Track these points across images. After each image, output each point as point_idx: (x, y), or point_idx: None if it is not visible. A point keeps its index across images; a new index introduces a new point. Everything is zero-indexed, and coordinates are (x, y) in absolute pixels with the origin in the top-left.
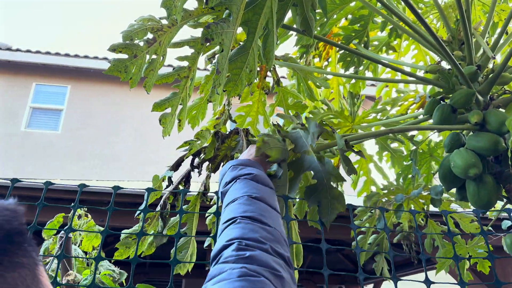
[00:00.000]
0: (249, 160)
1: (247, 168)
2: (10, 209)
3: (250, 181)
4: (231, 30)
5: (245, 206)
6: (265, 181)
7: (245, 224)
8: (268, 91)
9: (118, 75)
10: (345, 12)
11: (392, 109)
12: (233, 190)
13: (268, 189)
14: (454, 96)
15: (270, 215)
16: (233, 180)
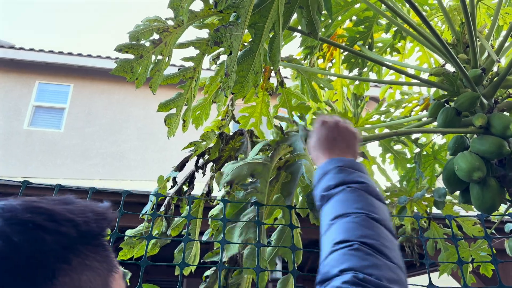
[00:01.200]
0: (355, 162)
1: (358, 174)
2: (96, 211)
3: (364, 193)
4: (240, 33)
5: (364, 228)
6: (378, 193)
7: (365, 254)
8: (272, 92)
9: (124, 75)
10: (350, 14)
11: (396, 111)
12: (342, 200)
13: (383, 206)
14: (459, 99)
15: (391, 244)
16: (341, 185)
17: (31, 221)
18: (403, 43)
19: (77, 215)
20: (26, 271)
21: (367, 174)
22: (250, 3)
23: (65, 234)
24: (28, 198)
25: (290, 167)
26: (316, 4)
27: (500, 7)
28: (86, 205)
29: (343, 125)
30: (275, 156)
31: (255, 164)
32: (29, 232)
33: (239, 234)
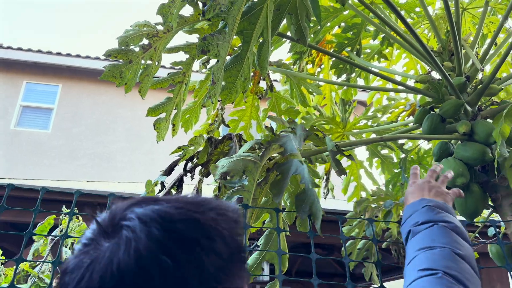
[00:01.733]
0: (445, 204)
1: (446, 215)
2: (235, 219)
3: (452, 232)
4: (227, 41)
5: (448, 261)
6: (465, 235)
7: (448, 283)
8: (261, 96)
9: (113, 80)
10: (338, 20)
11: (383, 116)
12: (429, 234)
13: (470, 248)
14: (443, 106)
15: (474, 280)
16: (430, 222)
17: (192, 238)
18: (390, 49)
19: (224, 228)
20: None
21: (455, 217)
22: (238, 11)
23: (219, 254)
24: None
25: (281, 166)
26: (304, 12)
27: (485, 16)
28: (225, 213)
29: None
30: (266, 155)
31: (247, 161)
32: (191, 251)
33: None
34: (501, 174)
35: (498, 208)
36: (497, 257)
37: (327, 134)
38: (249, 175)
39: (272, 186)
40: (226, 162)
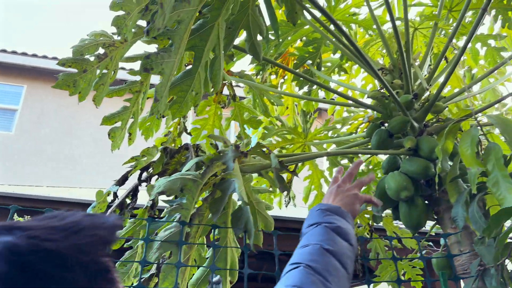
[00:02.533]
0: (339, 208)
1: (333, 217)
2: (106, 239)
3: (331, 231)
4: (173, 59)
5: (314, 255)
6: (347, 235)
7: (307, 274)
8: (224, 105)
9: (66, 89)
10: (299, 34)
11: (343, 127)
12: (310, 234)
13: (346, 245)
14: (391, 122)
15: (337, 273)
16: (315, 224)
17: (42, 271)
18: (350, 63)
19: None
20: None
21: (348, 220)
22: (185, 30)
23: (75, 282)
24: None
25: (221, 184)
26: (257, 29)
27: (434, 36)
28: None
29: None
30: (208, 173)
31: (186, 180)
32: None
33: (155, 251)
34: (442, 188)
35: (440, 221)
36: (437, 267)
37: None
38: (188, 194)
39: (211, 205)
40: (163, 181)
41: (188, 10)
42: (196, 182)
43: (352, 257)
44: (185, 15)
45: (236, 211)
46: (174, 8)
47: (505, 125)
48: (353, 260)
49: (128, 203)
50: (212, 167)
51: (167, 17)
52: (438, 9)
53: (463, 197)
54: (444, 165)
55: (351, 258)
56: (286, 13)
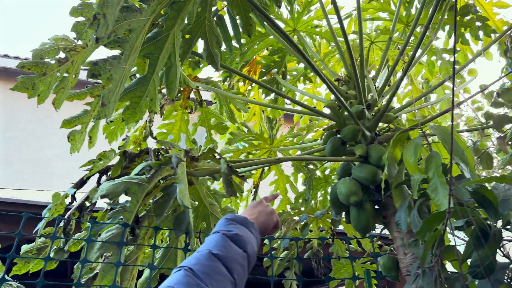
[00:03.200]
0: (245, 218)
1: (235, 226)
2: None
3: (227, 238)
4: (122, 66)
5: (199, 260)
6: (243, 243)
7: (184, 276)
8: (191, 111)
9: (25, 92)
10: (265, 44)
11: (308, 134)
12: (207, 241)
13: (239, 252)
14: (344, 130)
15: (219, 278)
16: (216, 232)
17: None
18: None
19: None
20: None
21: (251, 230)
22: (136, 38)
23: None
24: None
25: (166, 189)
26: (215, 39)
27: (388, 49)
28: None
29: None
30: (155, 177)
31: (130, 183)
32: None
33: (96, 252)
34: (389, 193)
35: (387, 225)
36: (383, 268)
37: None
38: (132, 197)
39: (155, 208)
40: (107, 185)
41: (140, 20)
42: (141, 186)
43: (244, 264)
44: (136, 24)
45: (178, 214)
46: (125, 17)
47: (445, 135)
48: (245, 267)
49: (88, 205)
50: (160, 171)
51: (110, 27)
52: (393, 23)
53: (406, 202)
54: (390, 171)
55: (242, 265)
56: (241, 26)
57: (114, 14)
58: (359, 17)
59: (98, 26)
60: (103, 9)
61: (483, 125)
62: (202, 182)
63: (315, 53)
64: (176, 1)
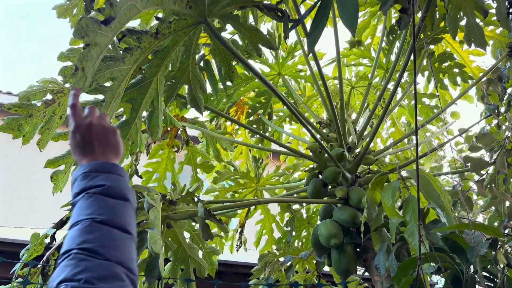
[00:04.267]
0: (104, 163)
1: (100, 177)
2: None
3: (100, 196)
4: None
5: (86, 234)
6: (120, 193)
7: (78, 261)
8: (177, 150)
9: (10, 133)
10: (251, 86)
11: (293, 173)
12: (78, 208)
13: (121, 203)
14: (325, 172)
15: (117, 243)
16: (81, 192)
17: None
18: None
19: None
20: None
21: (118, 171)
22: (118, 86)
23: None
24: None
25: (140, 234)
26: (198, 84)
27: (367, 94)
28: None
29: (98, 126)
30: None
31: None
32: None
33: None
34: (368, 235)
35: (368, 268)
36: None
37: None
38: None
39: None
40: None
41: (122, 69)
42: None
43: (131, 213)
44: (118, 73)
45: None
46: (108, 66)
47: (421, 179)
48: (134, 216)
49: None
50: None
51: (89, 79)
52: (372, 69)
53: (385, 245)
54: (369, 214)
55: (130, 215)
56: (223, 73)
57: (94, 67)
58: (339, 64)
59: (77, 78)
60: (82, 63)
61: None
62: (182, 225)
63: (299, 96)
64: (159, 49)
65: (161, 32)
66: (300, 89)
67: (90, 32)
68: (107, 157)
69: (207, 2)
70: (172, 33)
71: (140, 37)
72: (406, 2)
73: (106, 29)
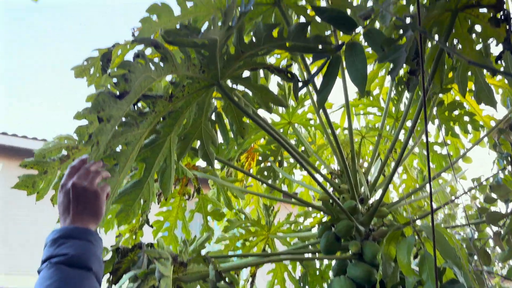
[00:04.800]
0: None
1: (67, 244)
2: None
3: (61, 267)
4: (115, 178)
5: None
6: (82, 261)
7: None
8: (188, 198)
9: (25, 189)
10: (262, 134)
11: (305, 220)
12: (40, 278)
13: (82, 274)
14: (337, 226)
15: None
16: (47, 260)
17: None
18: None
19: None
20: None
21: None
22: (131, 150)
23: None
24: None
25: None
26: (210, 140)
27: (378, 145)
28: None
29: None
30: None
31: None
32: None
33: None
34: None
35: None
36: None
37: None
38: None
39: None
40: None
41: (136, 133)
42: None
43: (92, 284)
44: (133, 137)
45: None
46: (123, 132)
47: (437, 235)
48: (97, 285)
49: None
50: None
51: (101, 150)
52: (382, 119)
53: None
54: (385, 271)
55: (91, 285)
56: (235, 129)
57: (107, 139)
58: (348, 115)
59: (92, 150)
60: (98, 137)
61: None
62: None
63: (309, 145)
64: (173, 110)
65: (175, 96)
66: (310, 136)
67: (106, 106)
68: (83, 221)
69: (220, 66)
70: (186, 96)
71: (154, 101)
72: (414, 64)
73: (121, 103)
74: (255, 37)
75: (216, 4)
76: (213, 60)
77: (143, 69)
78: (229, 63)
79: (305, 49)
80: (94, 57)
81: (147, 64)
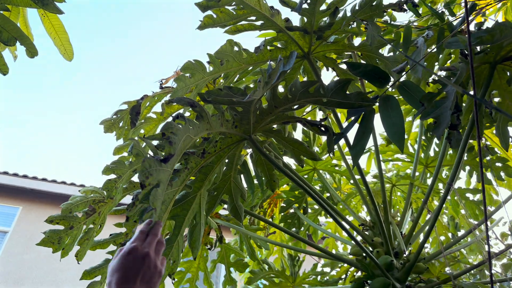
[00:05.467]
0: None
1: None
2: None
3: None
4: None
5: None
6: None
7: None
8: (211, 247)
9: (50, 246)
10: (286, 180)
11: (332, 270)
12: None
13: None
14: (373, 283)
15: None
16: None
17: None
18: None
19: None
20: None
21: None
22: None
23: None
24: None
25: None
26: (239, 193)
27: (410, 194)
28: None
29: (152, 262)
30: None
31: None
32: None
33: None
34: None
35: None
36: None
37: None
38: None
39: None
40: None
41: (170, 192)
42: None
43: None
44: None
45: None
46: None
47: None
48: None
49: None
50: None
51: (157, 213)
52: (413, 167)
53: None
54: None
55: None
56: (265, 182)
57: (161, 203)
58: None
59: (150, 216)
60: (154, 204)
61: None
62: None
63: (335, 193)
64: (204, 165)
65: (208, 151)
66: (335, 182)
67: (153, 171)
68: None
69: (252, 120)
70: (218, 151)
71: (187, 158)
72: (455, 119)
73: (166, 166)
74: (290, 93)
75: (247, 60)
76: (247, 116)
77: (184, 130)
78: (261, 117)
79: (342, 104)
80: (123, 110)
81: (187, 124)
